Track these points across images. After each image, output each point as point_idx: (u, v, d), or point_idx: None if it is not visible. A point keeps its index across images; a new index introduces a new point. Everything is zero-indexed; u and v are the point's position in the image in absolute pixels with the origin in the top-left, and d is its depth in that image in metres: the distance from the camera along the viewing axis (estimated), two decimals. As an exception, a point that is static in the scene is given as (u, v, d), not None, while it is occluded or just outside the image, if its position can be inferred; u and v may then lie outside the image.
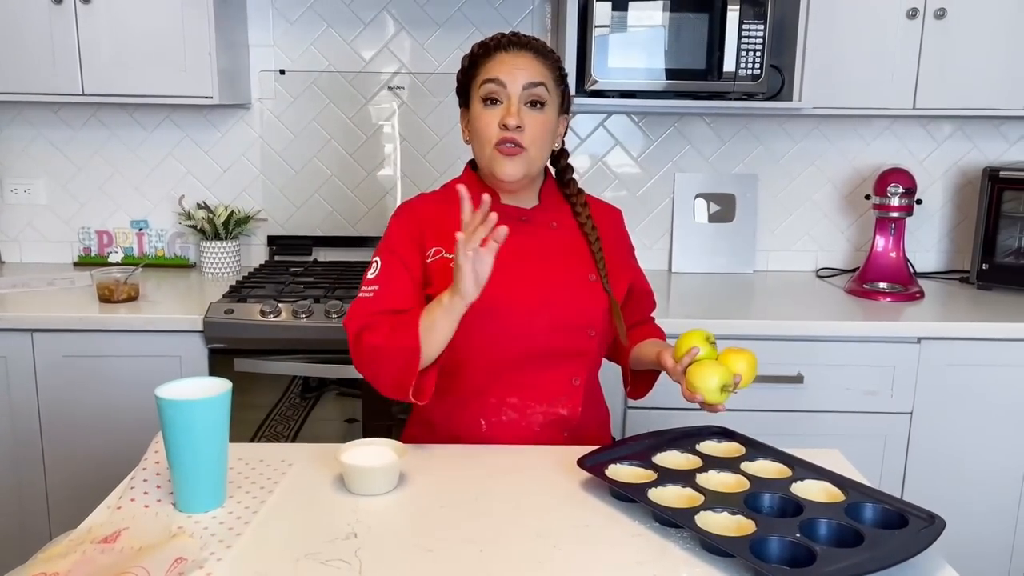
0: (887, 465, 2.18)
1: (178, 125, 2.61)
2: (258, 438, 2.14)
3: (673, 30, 2.23)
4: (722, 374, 1.28)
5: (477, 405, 1.45)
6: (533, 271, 1.44)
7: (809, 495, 1.12)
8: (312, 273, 2.47)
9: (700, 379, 1.28)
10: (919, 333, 2.12)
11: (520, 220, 1.47)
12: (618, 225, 1.61)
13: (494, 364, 1.43)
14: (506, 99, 1.41)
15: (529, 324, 1.41)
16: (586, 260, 1.48)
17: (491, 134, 1.41)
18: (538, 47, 1.45)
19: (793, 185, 2.67)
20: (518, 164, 1.42)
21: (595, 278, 1.47)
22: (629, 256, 1.62)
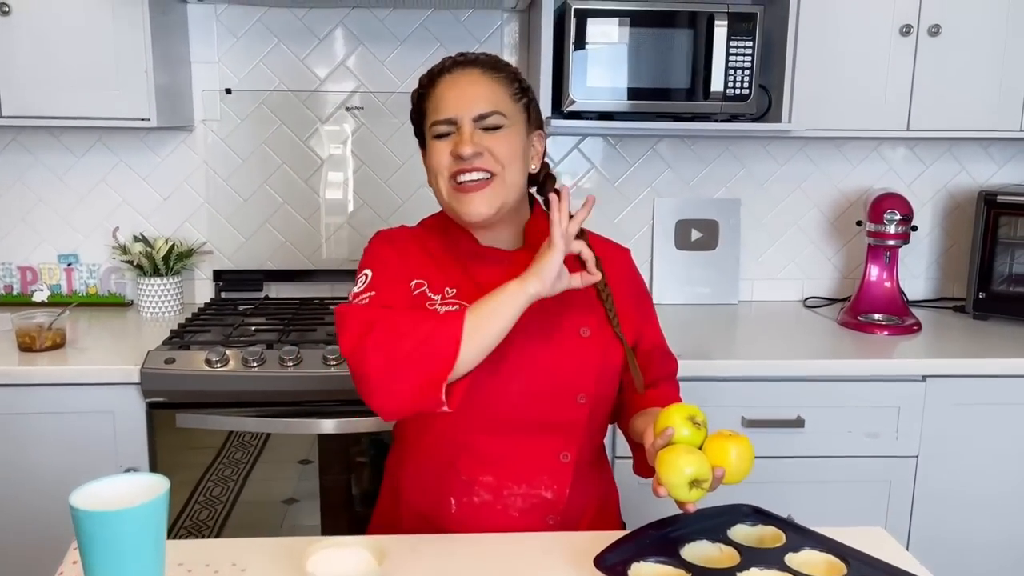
0: (892, 512, 2.03)
1: (111, 149, 2.36)
2: (203, 486, 1.92)
3: (656, 47, 2.07)
4: (696, 465, 1.03)
5: (446, 481, 1.24)
6: (516, 325, 1.19)
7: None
8: (264, 312, 2.24)
9: (666, 469, 1.04)
10: (924, 371, 1.98)
11: (500, 264, 1.26)
12: (626, 267, 1.38)
13: (463, 435, 1.22)
14: (457, 128, 1.22)
15: (503, 390, 1.19)
16: (580, 310, 1.26)
17: (443, 165, 1.22)
18: (487, 62, 1.26)
19: (777, 210, 2.53)
20: (487, 198, 1.21)
21: (588, 332, 1.25)
22: (639, 304, 1.37)
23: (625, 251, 1.41)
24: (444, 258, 1.27)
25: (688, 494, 1.04)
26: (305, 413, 1.85)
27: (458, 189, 1.21)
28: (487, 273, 1.24)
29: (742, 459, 1.06)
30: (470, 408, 1.19)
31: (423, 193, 2.41)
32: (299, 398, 1.84)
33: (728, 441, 1.07)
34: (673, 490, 1.04)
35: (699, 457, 1.04)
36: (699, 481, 1.03)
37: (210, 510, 1.96)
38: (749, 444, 1.07)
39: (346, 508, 1.99)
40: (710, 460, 1.05)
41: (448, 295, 1.23)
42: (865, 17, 2.13)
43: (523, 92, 1.28)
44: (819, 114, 2.14)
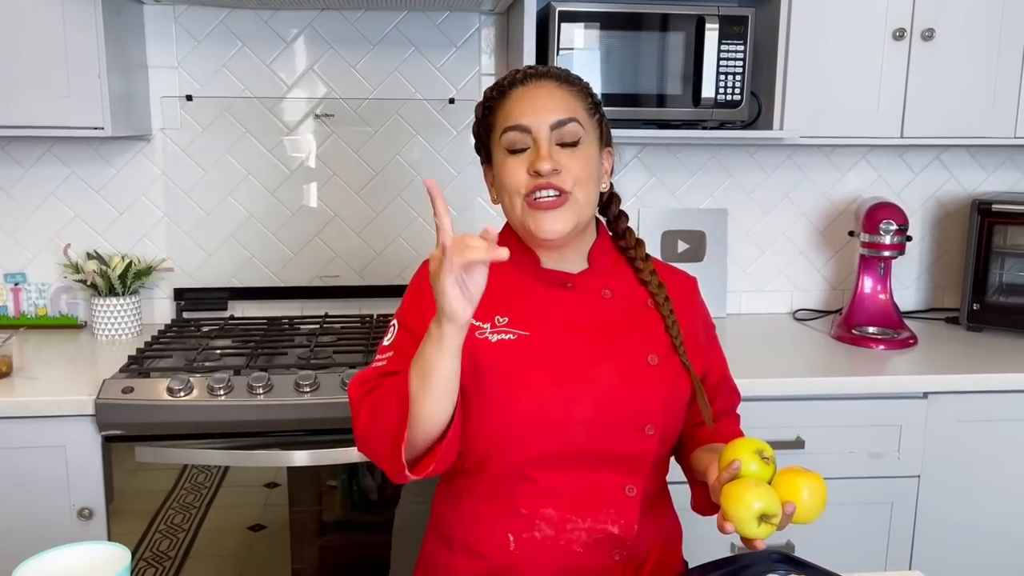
0: (894, 533, 1.95)
1: (62, 160, 2.20)
2: (156, 527, 1.80)
3: (645, 52, 1.97)
4: (765, 500, 0.98)
5: (503, 515, 1.15)
6: (574, 351, 1.15)
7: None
8: (229, 333, 2.10)
9: (733, 503, 0.99)
10: (926, 387, 1.91)
11: (564, 287, 1.21)
12: (692, 296, 1.31)
13: (523, 466, 1.14)
14: (532, 144, 1.16)
15: (566, 419, 1.12)
16: (648, 337, 1.19)
17: (519, 183, 1.16)
18: (561, 75, 1.21)
19: (766, 220, 2.45)
20: (563, 216, 1.15)
21: (656, 360, 1.17)
22: (707, 334, 1.30)
23: (692, 280, 1.33)
24: (502, 281, 1.18)
25: (757, 530, 0.99)
26: (275, 444, 1.72)
27: (534, 207, 1.15)
28: (548, 296, 1.20)
29: (814, 496, 1.01)
30: (531, 440, 1.13)
31: (399, 205, 2.29)
32: (269, 428, 1.71)
33: (800, 477, 1.02)
34: (740, 525, 0.99)
35: (768, 491, 0.99)
36: (768, 516, 0.98)
37: (171, 539, 1.84)
38: (822, 481, 1.03)
39: (317, 536, 1.87)
40: (780, 496, 1.00)
41: (500, 323, 1.17)
42: (858, 20, 2.05)
43: (596, 107, 1.23)
44: (812, 121, 2.07)
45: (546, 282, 1.21)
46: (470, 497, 1.19)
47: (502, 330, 1.16)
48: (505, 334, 1.16)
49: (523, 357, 1.14)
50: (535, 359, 1.14)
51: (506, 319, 1.17)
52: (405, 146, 2.27)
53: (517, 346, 1.15)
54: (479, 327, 1.16)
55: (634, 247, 1.26)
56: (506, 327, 1.16)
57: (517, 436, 1.13)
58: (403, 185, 2.28)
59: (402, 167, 2.28)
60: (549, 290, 1.20)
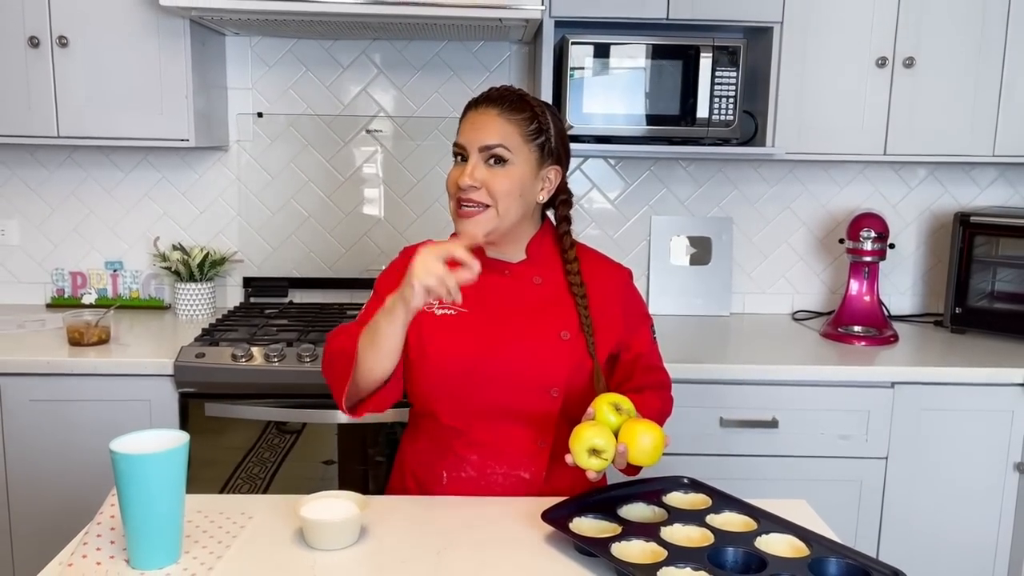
0: (863, 511, 2.17)
1: (154, 166, 2.60)
2: (233, 481, 2.11)
3: (648, 76, 2.26)
4: (599, 438, 1.19)
5: (441, 456, 1.44)
6: (501, 327, 1.42)
7: (773, 550, 1.11)
8: (287, 315, 2.45)
9: (573, 439, 1.20)
10: (892, 378, 2.12)
11: (502, 274, 1.46)
12: (620, 284, 1.53)
13: (457, 418, 1.42)
14: (468, 159, 1.41)
15: (488, 381, 1.39)
16: (565, 317, 1.43)
17: (451, 189, 1.42)
18: (508, 103, 1.41)
19: (768, 228, 2.69)
20: (478, 223, 1.39)
21: (568, 335, 1.42)
22: (628, 317, 1.51)
23: (624, 271, 1.56)
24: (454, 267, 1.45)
25: (587, 461, 1.19)
26: (323, 405, 2.05)
27: (459, 212, 1.40)
28: (489, 281, 1.39)
29: (653, 446, 1.19)
30: (459, 396, 1.40)
31: (436, 209, 2.62)
32: (317, 391, 2.04)
33: (640, 426, 1.21)
34: (576, 457, 1.19)
35: (604, 433, 1.19)
36: (599, 451, 1.18)
37: None
38: (659, 433, 1.21)
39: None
40: (622, 439, 1.20)
41: (446, 302, 1.37)
42: (844, 49, 2.30)
43: (539, 132, 1.41)
44: (801, 139, 2.31)
45: (489, 269, 1.38)
46: (423, 437, 1.48)
47: (447, 306, 1.42)
48: (448, 310, 1.42)
49: (458, 329, 1.40)
50: (467, 331, 1.40)
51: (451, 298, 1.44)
52: (444, 159, 2.60)
53: (455, 320, 1.41)
54: (429, 303, 1.40)
55: (568, 248, 1.47)
56: (450, 305, 1.41)
57: (449, 392, 1.40)
58: (440, 193, 2.61)
59: (440, 177, 2.61)
60: (490, 276, 1.38)
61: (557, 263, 1.49)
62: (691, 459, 2.07)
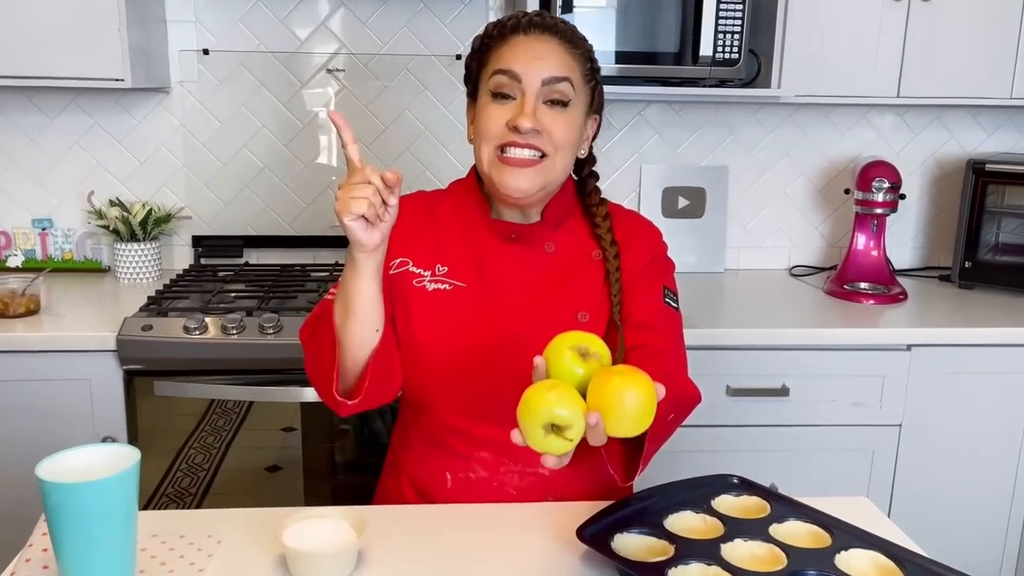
0: (874, 482, 2.03)
1: (86, 111, 2.30)
2: (186, 452, 1.91)
3: (645, 10, 2.02)
4: (559, 405, 0.80)
5: (442, 455, 1.22)
6: (507, 306, 1.19)
7: (859, 572, 0.93)
8: (243, 278, 2.20)
9: (522, 408, 0.82)
10: (909, 340, 1.97)
11: (509, 239, 1.22)
12: (652, 248, 1.27)
13: (461, 412, 1.19)
14: (520, 95, 1.14)
15: (491, 373, 1.15)
16: (582, 293, 1.21)
17: (495, 132, 1.14)
18: (567, 32, 1.18)
19: (765, 178, 2.50)
20: (532, 177, 1.14)
21: (587, 317, 1.19)
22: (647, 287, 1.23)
23: (655, 231, 1.30)
24: (450, 228, 1.22)
25: (543, 442, 0.81)
26: (287, 381, 1.83)
27: (503, 161, 1.14)
28: (491, 248, 1.21)
29: (632, 403, 0.80)
30: (461, 392, 1.17)
31: (407, 158, 2.37)
32: (280, 366, 1.81)
33: (619, 379, 0.81)
34: (527, 436, 0.82)
35: (566, 396, 0.80)
36: (560, 427, 0.80)
37: (192, 478, 1.94)
38: (648, 386, 0.81)
39: (329, 476, 1.97)
40: (592, 402, 0.81)
41: (439, 273, 1.19)
42: (857, -20, 2.09)
43: (593, 73, 1.21)
44: (809, 80, 2.11)
45: (492, 232, 1.21)
46: (417, 433, 1.25)
47: (440, 279, 1.19)
48: (442, 284, 1.19)
49: (454, 309, 1.17)
50: (465, 312, 1.17)
51: (446, 269, 1.20)
52: (414, 101, 2.34)
53: (451, 297, 1.18)
54: (419, 275, 1.20)
55: (597, 205, 1.24)
56: (444, 277, 1.19)
57: (445, 386, 1.17)
58: (412, 138, 2.36)
59: (411, 121, 2.36)
60: (493, 241, 1.20)
61: (576, 226, 1.26)
62: (697, 431, 1.90)
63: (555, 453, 0.83)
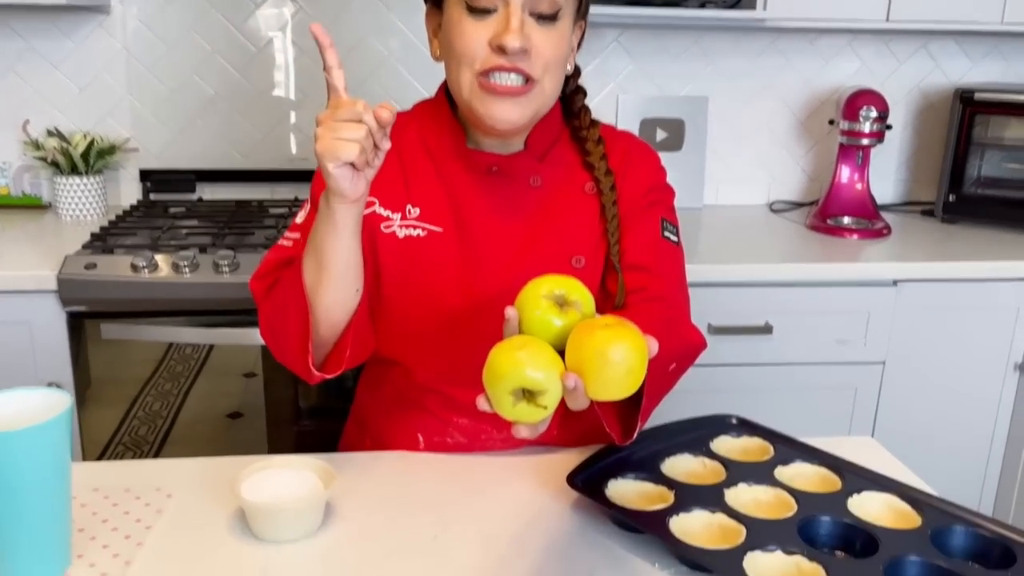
0: (856, 419, 1.99)
1: (18, 33, 2.11)
2: (142, 399, 1.80)
3: (625, -78, 1.89)
4: (538, 365, 0.68)
5: (415, 416, 1.10)
6: (489, 253, 1.05)
7: (873, 516, 0.85)
8: (196, 214, 2.06)
9: (489, 373, 0.70)
10: (895, 275, 1.91)
11: (489, 172, 1.06)
12: (649, 175, 1.12)
13: (437, 373, 1.07)
14: (502, 6, 0.95)
15: (480, 327, 0.99)
16: (576, 234, 1.06)
17: (475, 55, 0.96)
18: None
19: (746, 109, 2.40)
20: (522, 106, 0.98)
21: (583, 263, 1.05)
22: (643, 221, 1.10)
23: (653, 155, 1.15)
24: (419, 161, 1.07)
25: (513, 410, 0.69)
26: (246, 323, 1.71)
27: (488, 89, 0.97)
28: (469, 184, 1.05)
29: (618, 361, 0.68)
30: (437, 352, 1.05)
31: (371, 86, 2.22)
32: (238, 306, 1.69)
33: (600, 332, 0.68)
34: (495, 403, 0.70)
35: (539, 355, 0.69)
36: (532, 393, 0.68)
37: (149, 426, 1.85)
38: (636, 339, 0.69)
39: (293, 422, 1.88)
40: (569, 361, 0.70)
41: (410, 216, 1.04)
42: None
43: None
44: (795, 3, 2.00)
45: (469, 165, 1.06)
46: (387, 388, 1.12)
47: (412, 224, 1.04)
48: (414, 229, 1.04)
49: (430, 259, 1.03)
50: (443, 262, 1.03)
51: (418, 211, 1.05)
52: (378, 24, 2.19)
53: (426, 245, 1.04)
54: (387, 218, 1.04)
55: (587, 128, 1.09)
56: (416, 220, 1.04)
57: (419, 344, 1.04)
58: (376, 64, 2.21)
59: (376, 48, 2.20)
60: (470, 176, 1.05)
61: (564, 155, 1.10)
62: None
63: (526, 421, 0.71)
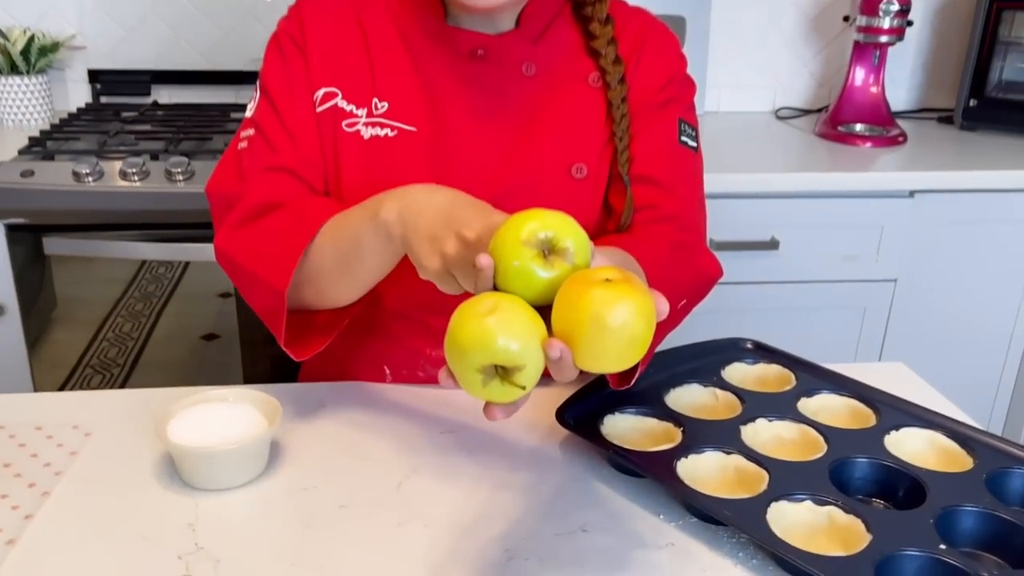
0: (863, 342, 1.87)
1: (-58, -88, 1.88)
2: (113, 319, 1.70)
3: None
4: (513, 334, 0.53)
5: (381, 345, 0.95)
6: (472, 158, 0.88)
7: (916, 456, 0.73)
8: (150, 119, 1.88)
9: (451, 343, 0.55)
10: (912, 185, 1.76)
11: (473, 56, 0.88)
12: (668, 65, 0.94)
13: (409, 299, 0.91)
14: None
15: None
16: (577, 137, 0.90)
17: None
18: None
19: (753, 6, 2.20)
20: None
21: (584, 172, 0.88)
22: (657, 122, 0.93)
23: (673, 40, 0.97)
24: (388, 43, 0.89)
25: (482, 390, 0.55)
26: (199, 237, 1.55)
27: None
28: (448, 71, 0.88)
29: (618, 327, 0.52)
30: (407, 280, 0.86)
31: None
32: (192, 219, 1.54)
33: (598, 291, 0.53)
34: (461, 379, 0.55)
35: (514, 321, 0.54)
36: (505, 370, 0.54)
37: (120, 347, 1.74)
38: (643, 299, 0.53)
39: (268, 344, 1.75)
40: (556, 324, 0.55)
41: (377, 111, 0.87)
42: None
43: None
44: None
45: (447, 48, 0.88)
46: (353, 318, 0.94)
47: (379, 121, 0.87)
48: (382, 128, 0.87)
49: (401, 165, 0.86)
50: (416, 169, 0.86)
51: (386, 105, 0.88)
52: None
53: (395, 147, 0.87)
54: (350, 114, 0.87)
55: (593, 3, 0.90)
56: (384, 117, 0.87)
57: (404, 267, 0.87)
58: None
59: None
60: (450, 62, 0.88)
61: (564, 36, 0.92)
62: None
63: (500, 401, 0.56)
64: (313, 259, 0.80)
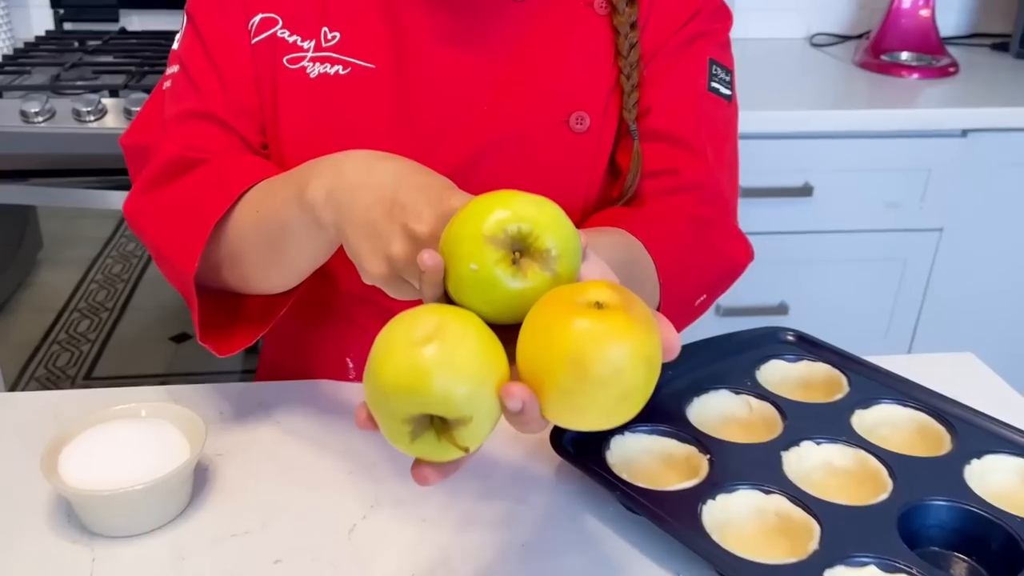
0: (901, 297, 1.71)
1: None
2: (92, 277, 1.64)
3: None
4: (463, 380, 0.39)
5: (342, 334, 0.79)
6: (449, 104, 0.71)
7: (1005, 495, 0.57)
8: (115, 48, 1.71)
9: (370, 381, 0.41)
10: (964, 123, 1.58)
11: None
12: None
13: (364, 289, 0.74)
14: None
15: None
16: (578, 80, 0.72)
17: None
18: None
19: (787, -85, 1.98)
20: None
21: (586, 123, 0.71)
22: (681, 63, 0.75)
23: None
24: None
25: (411, 445, 0.40)
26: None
27: None
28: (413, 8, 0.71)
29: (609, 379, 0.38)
30: None
31: None
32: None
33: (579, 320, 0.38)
34: (382, 429, 0.41)
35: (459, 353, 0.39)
36: (444, 422, 0.39)
37: (109, 290, 1.69)
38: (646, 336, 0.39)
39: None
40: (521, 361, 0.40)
41: (328, 42, 0.70)
42: None
43: None
44: None
45: None
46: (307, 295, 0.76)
47: (329, 55, 0.70)
48: (332, 64, 0.70)
49: (356, 111, 0.70)
50: (374, 117, 0.70)
51: (337, 36, 0.71)
52: None
53: (349, 88, 0.70)
54: (294, 46, 0.70)
55: None
56: (335, 51, 0.70)
57: None
58: None
59: None
60: None
61: None
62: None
63: (433, 461, 0.41)
64: (232, 237, 0.64)
